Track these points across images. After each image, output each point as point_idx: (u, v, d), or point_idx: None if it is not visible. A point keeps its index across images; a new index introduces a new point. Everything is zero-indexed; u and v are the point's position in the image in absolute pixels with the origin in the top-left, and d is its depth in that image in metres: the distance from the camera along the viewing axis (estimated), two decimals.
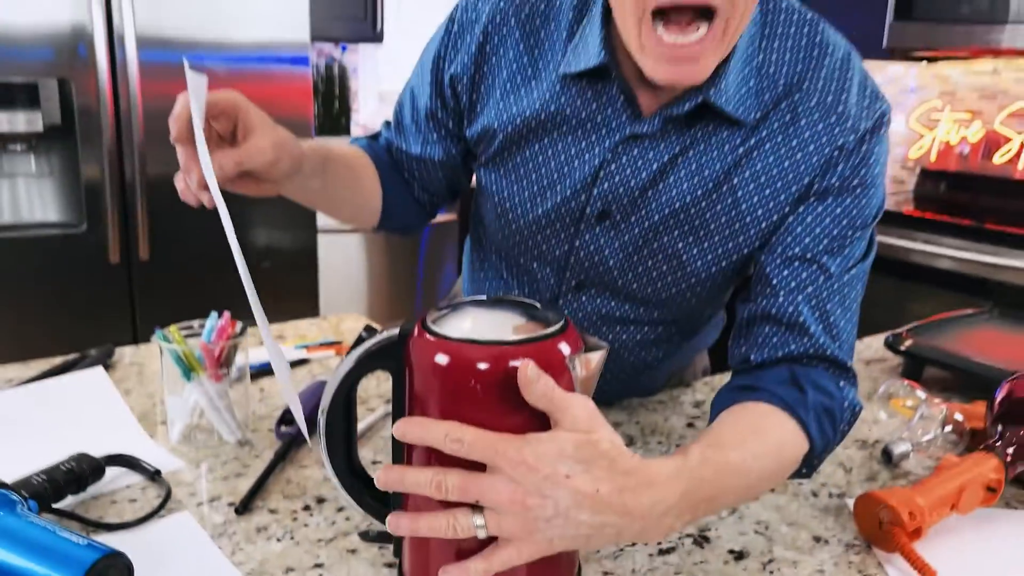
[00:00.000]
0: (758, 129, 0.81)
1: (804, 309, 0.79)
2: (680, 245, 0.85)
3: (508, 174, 0.91)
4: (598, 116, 0.84)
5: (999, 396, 0.88)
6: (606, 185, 0.85)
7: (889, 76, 3.27)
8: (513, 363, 0.58)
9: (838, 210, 0.80)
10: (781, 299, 0.80)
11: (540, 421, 0.59)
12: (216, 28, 2.24)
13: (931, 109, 3.13)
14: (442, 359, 0.60)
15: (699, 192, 0.82)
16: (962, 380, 1.12)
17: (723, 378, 1.13)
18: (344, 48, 3.22)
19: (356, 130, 3.34)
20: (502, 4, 0.87)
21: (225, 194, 0.72)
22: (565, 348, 0.61)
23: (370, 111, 3.39)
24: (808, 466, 0.77)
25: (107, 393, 0.97)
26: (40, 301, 2.17)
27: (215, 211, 0.73)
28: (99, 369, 0.99)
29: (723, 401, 0.79)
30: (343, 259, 2.90)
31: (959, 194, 3.01)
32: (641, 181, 0.84)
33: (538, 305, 0.66)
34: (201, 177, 0.69)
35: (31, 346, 2.11)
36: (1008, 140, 2.87)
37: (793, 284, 0.80)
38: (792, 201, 0.81)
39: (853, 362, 0.82)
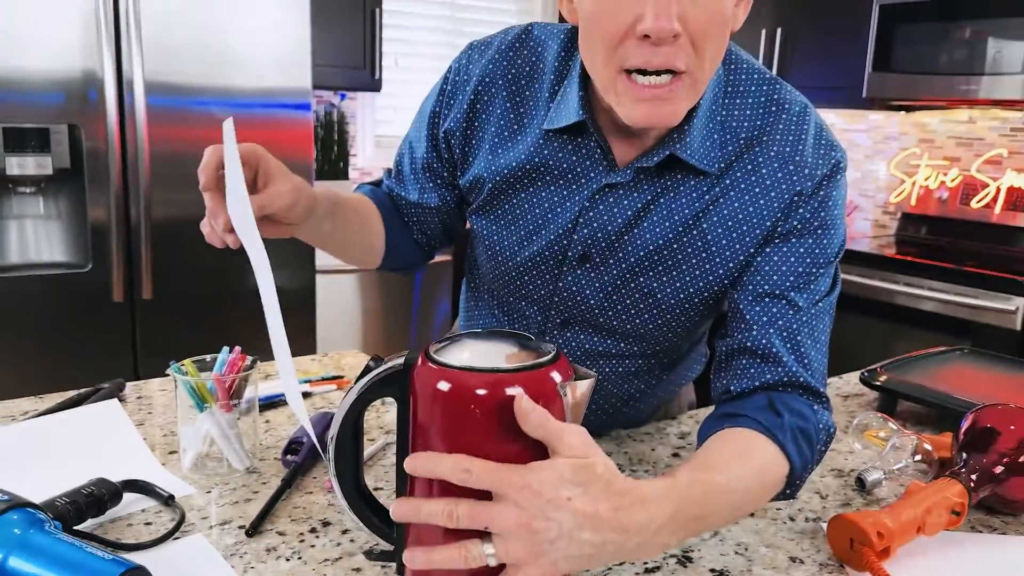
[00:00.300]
0: (723, 178, 0.89)
1: (776, 341, 0.85)
2: (655, 284, 0.93)
3: (497, 220, 0.98)
4: (577, 168, 0.92)
5: (964, 426, 0.94)
6: (585, 231, 0.92)
7: (871, 123, 3.39)
8: (509, 390, 0.64)
9: (801, 249, 0.87)
10: (755, 332, 0.86)
11: (535, 444, 0.65)
12: (222, 75, 2.33)
13: (910, 156, 3.23)
14: (444, 385, 0.66)
15: (671, 235, 0.90)
16: (933, 413, 1.18)
17: (708, 411, 1.19)
18: (343, 96, 3.32)
19: (354, 174, 3.42)
20: (491, 66, 0.96)
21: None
22: (557, 376, 0.67)
23: (367, 156, 3.47)
24: (791, 486, 0.83)
25: (121, 424, 1.02)
26: (44, 338, 2.22)
27: (215, 251, 0.79)
28: (114, 402, 1.04)
29: (708, 429, 0.85)
30: (340, 298, 2.95)
31: (939, 238, 3.10)
32: (617, 226, 0.91)
33: (532, 337, 0.72)
34: (227, 221, 0.76)
35: (35, 381, 2.16)
36: (985, 186, 2.97)
37: (765, 319, 0.86)
38: (757, 242, 0.88)
39: (826, 388, 0.88)
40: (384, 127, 3.54)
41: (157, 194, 2.28)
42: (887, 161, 3.31)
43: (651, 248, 0.91)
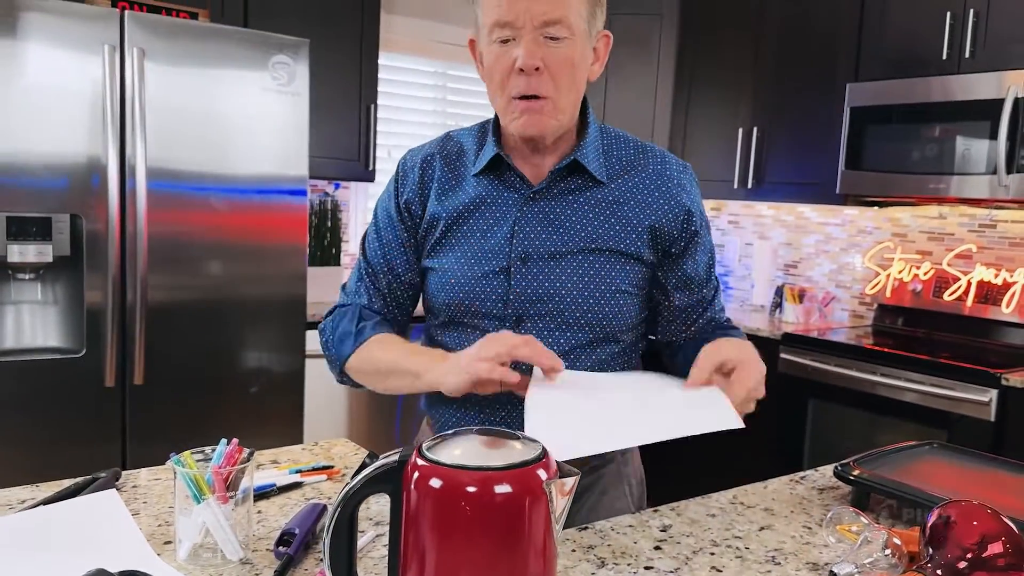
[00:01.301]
0: (616, 185, 1.23)
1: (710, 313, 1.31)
2: (589, 262, 1.20)
3: (452, 249, 1.24)
4: (505, 193, 1.23)
5: (930, 521, 0.98)
6: (522, 235, 1.21)
7: (845, 218, 3.51)
8: (498, 488, 0.69)
9: (703, 247, 1.28)
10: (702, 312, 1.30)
11: (523, 539, 0.69)
12: (222, 162, 2.42)
13: (884, 249, 3.34)
14: (436, 482, 0.70)
15: (591, 224, 1.21)
16: (905, 507, 1.22)
17: (687, 505, 1.23)
18: (337, 185, 3.42)
19: (346, 259, 3.49)
20: (428, 153, 1.28)
21: (231, 317, 0.83)
22: (543, 474, 0.72)
23: (359, 242, 3.56)
24: None
25: (119, 514, 1.04)
26: (36, 423, 2.24)
27: (208, 335, 0.85)
28: (113, 492, 1.07)
29: (691, 349, 1.15)
30: (328, 382, 2.97)
31: (915, 329, 3.18)
32: (546, 225, 1.21)
33: (519, 435, 0.77)
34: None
35: (26, 465, 2.17)
36: (956, 279, 3.07)
37: (697, 300, 1.29)
38: (652, 217, 1.22)
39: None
40: None
41: (154, 277, 2.34)
42: (862, 254, 3.43)
43: (578, 237, 1.20)
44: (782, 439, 3.04)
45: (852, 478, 1.25)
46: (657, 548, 1.09)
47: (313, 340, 2.77)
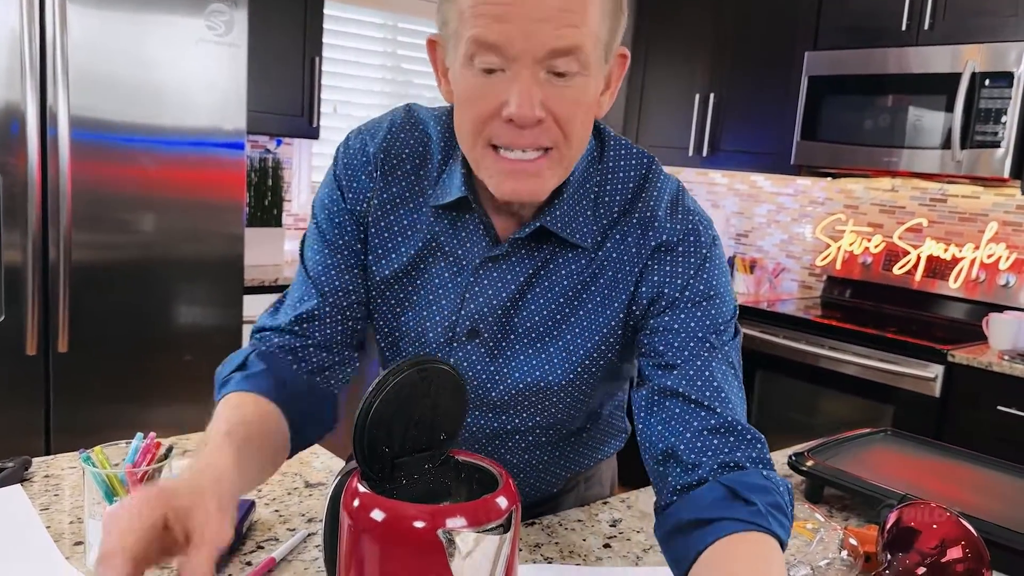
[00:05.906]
0: (599, 252, 0.92)
1: (700, 385, 0.86)
2: (542, 357, 0.94)
3: (399, 305, 0.98)
4: (466, 243, 0.94)
5: (888, 523, 0.95)
6: (472, 306, 0.94)
7: (798, 188, 3.50)
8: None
9: (699, 313, 0.89)
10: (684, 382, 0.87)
11: None
12: (154, 114, 2.27)
13: (836, 221, 3.34)
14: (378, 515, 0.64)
15: (554, 307, 0.93)
16: (860, 500, 1.19)
17: (638, 496, 1.18)
18: (279, 142, 3.27)
19: (288, 219, 3.36)
20: (385, 144, 0.95)
21: (163, 278, 0.73)
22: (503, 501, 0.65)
23: (302, 202, 3.43)
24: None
25: (25, 513, 0.95)
26: None
27: (137, 294, 0.71)
28: (17, 488, 0.98)
29: (688, 546, 0.80)
30: None
31: (863, 301, 3.20)
32: (502, 300, 0.93)
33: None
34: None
35: None
36: (906, 253, 3.09)
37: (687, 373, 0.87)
38: (624, 307, 0.92)
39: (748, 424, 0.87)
40: (320, 173, 3.50)
41: (79, 235, 2.19)
42: (813, 224, 3.42)
43: (536, 319, 0.93)
44: None
45: (805, 469, 1.22)
46: (607, 546, 1.04)
47: (251, 305, 2.66)
